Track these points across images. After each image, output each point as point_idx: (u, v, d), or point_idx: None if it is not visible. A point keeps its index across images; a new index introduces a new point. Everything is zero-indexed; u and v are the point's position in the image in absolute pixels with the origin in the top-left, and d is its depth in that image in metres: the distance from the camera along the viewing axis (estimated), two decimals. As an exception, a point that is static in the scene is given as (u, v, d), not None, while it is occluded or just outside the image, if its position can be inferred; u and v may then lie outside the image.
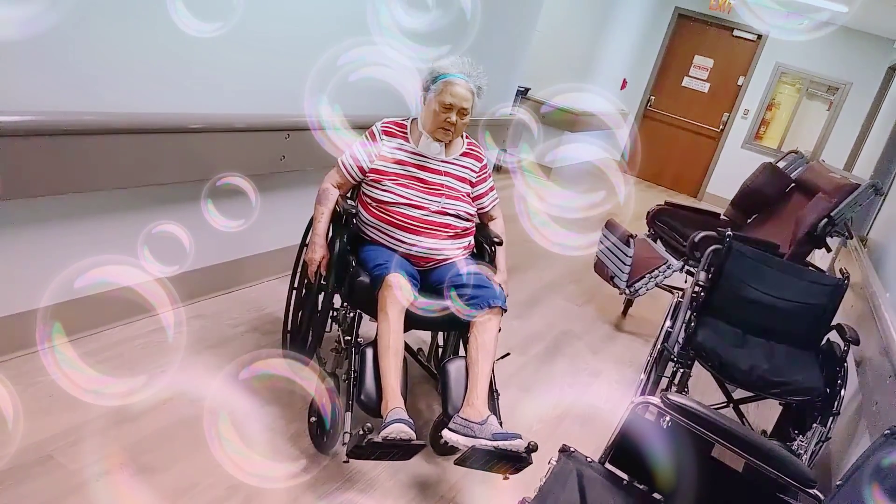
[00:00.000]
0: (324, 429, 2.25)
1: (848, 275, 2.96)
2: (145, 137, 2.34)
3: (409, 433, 1.98)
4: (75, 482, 1.90)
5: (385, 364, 2.16)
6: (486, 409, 2.17)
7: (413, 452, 2.04)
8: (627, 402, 1.87)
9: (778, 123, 8.66)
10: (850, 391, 2.70)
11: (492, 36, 4.19)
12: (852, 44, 7.84)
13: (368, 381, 2.18)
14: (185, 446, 2.16)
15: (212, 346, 2.72)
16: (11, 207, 2.10)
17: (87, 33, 2.10)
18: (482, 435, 2.07)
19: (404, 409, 2.09)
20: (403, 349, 2.25)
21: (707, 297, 2.98)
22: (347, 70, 2.77)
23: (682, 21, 8.66)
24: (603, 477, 1.80)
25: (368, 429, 1.93)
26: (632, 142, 7.84)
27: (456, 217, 2.46)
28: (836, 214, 3.76)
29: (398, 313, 2.23)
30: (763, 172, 4.52)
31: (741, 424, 2.66)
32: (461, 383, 2.26)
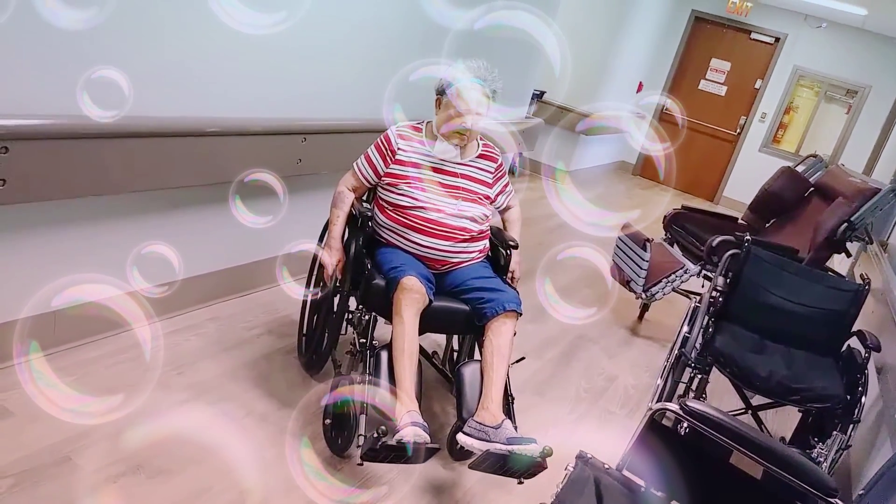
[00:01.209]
0: (339, 431, 2.25)
1: (869, 280, 2.92)
2: (160, 141, 2.35)
3: (424, 436, 1.98)
4: (91, 484, 1.91)
5: (400, 367, 2.16)
6: (500, 413, 2.16)
7: (427, 456, 2.03)
8: (644, 407, 1.85)
9: (796, 127, 8.59)
10: (870, 398, 2.66)
11: (507, 39, 4.18)
12: (871, 46, 7.76)
13: (383, 383, 2.17)
14: (200, 448, 2.16)
15: (228, 349, 2.72)
16: (28, 210, 2.12)
17: (106, 38, 2.11)
18: (497, 439, 2.06)
19: (419, 412, 2.09)
20: (418, 352, 2.24)
21: (725, 302, 2.96)
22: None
23: (699, 24, 8.61)
24: (620, 484, 1.78)
25: (383, 431, 1.92)
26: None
27: (472, 220, 2.45)
28: (856, 219, 3.71)
29: (413, 316, 2.22)
30: (781, 176, 4.47)
31: (760, 431, 2.63)
32: (476, 387, 2.25)
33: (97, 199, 2.31)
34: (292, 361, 2.75)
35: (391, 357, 2.20)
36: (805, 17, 8.00)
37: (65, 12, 1.95)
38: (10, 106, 1.93)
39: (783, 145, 8.58)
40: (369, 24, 3.12)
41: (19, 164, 1.94)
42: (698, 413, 1.69)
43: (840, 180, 4.19)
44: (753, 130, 8.57)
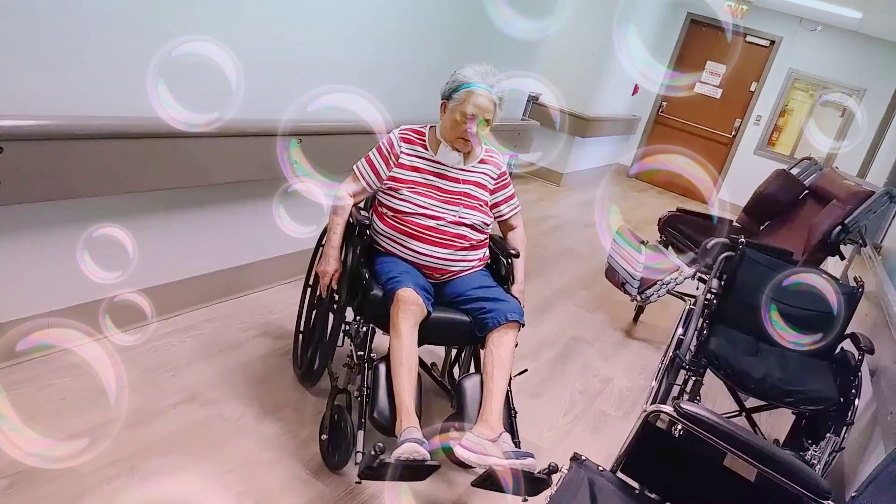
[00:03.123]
0: (335, 447, 2.22)
1: (862, 283, 2.93)
2: (155, 142, 2.35)
3: (423, 453, 1.92)
4: (87, 485, 1.91)
5: (399, 382, 2.10)
6: (499, 426, 2.10)
7: (427, 473, 1.98)
8: (638, 409, 1.86)
9: (791, 130, 8.61)
10: (864, 401, 2.68)
11: (503, 41, 4.19)
12: (866, 50, 7.79)
13: (381, 398, 2.12)
14: (194, 450, 2.16)
15: (223, 350, 2.72)
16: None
17: (95, 38, 2.11)
18: (494, 453, 1.99)
19: (419, 427, 2.03)
20: (417, 365, 2.19)
21: (719, 304, 2.96)
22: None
23: (695, 27, 8.63)
24: (615, 486, 1.78)
25: (380, 449, 1.87)
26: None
27: (472, 228, 2.40)
28: (850, 222, 3.73)
29: (411, 329, 2.17)
30: (776, 179, 4.49)
31: (754, 434, 2.64)
32: (477, 401, 2.19)
33: (93, 200, 2.31)
34: (287, 364, 2.75)
35: (389, 370, 2.15)
36: (800, 20, 8.03)
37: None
38: (6, 106, 1.93)
39: (778, 148, 8.60)
40: (370, 22, 3.13)
41: (15, 164, 1.94)
42: (692, 415, 1.69)
43: (834, 183, 4.21)
44: (749, 133, 8.59)
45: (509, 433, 2.13)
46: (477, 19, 3.89)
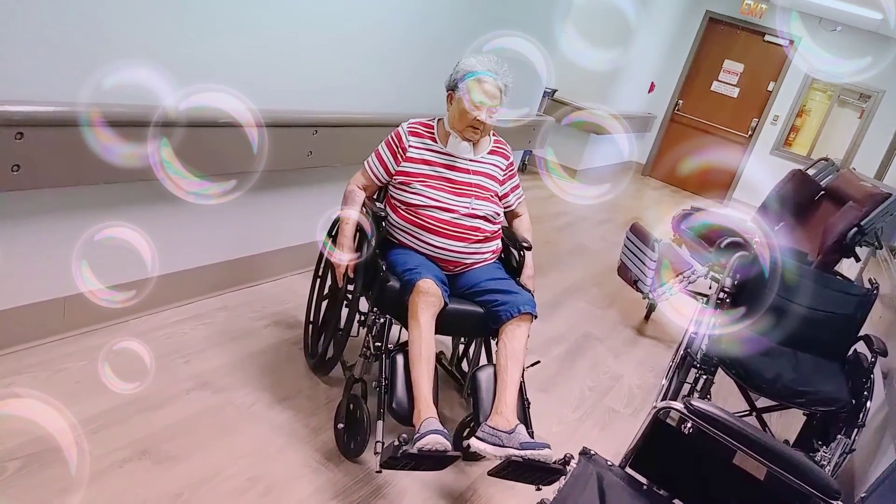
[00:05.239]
0: (351, 436, 2.23)
1: (877, 285, 2.91)
2: (172, 131, 2.35)
3: (445, 444, 1.94)
4: (98, 468, 1.93)
5: (417, 372, 2.12)
6: (514, 418, 2.12)
7: (448, 463, 2.00)
8: (648, 406, 1.86)
9: (808, 130, 8.54)
10: (876, 403, 2.66)
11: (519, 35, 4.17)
12: (886, 51, 7.70)
13: (400, 389, 2.13)
14: (206, 436, 2.18)
15: (235, 338, 2.74)
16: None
17: (121, 29, 2.13)
18: (510, 444, 2.02)
19: (437, 418, 2.05)
20: (435, 356, 2.21)
21: (732, 303, 2.95)
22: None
23: (713, 25, 8.57)
24: (623, 481, 1.79)
25: (404, 440, 1.90)
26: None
27: (485, 220, 2.41)
28: (865, 223, 3.70)
29: (430, 320, 2.18)
30: (792, 179, 4.46)
31: (764, 432, 2.63)
32: (492, 392, 2.21)
33: (109, 187, 2.33)
34: (298, 353, 2.76)
35: (406, 361, 2.16)
36: (820, 20, 7.95)
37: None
38: (25, 92, 1.94)
39: (795, 148, 8.53)
40: (383, 20, 3.13)
41: (34, 150, 1.96)
42: (703, 413, 1.69)
43: (851, 185, 4.18)
44: (765, 133, 8.53)
45: (523, 424, 2.15)
46: (492, 18, 3.88)
